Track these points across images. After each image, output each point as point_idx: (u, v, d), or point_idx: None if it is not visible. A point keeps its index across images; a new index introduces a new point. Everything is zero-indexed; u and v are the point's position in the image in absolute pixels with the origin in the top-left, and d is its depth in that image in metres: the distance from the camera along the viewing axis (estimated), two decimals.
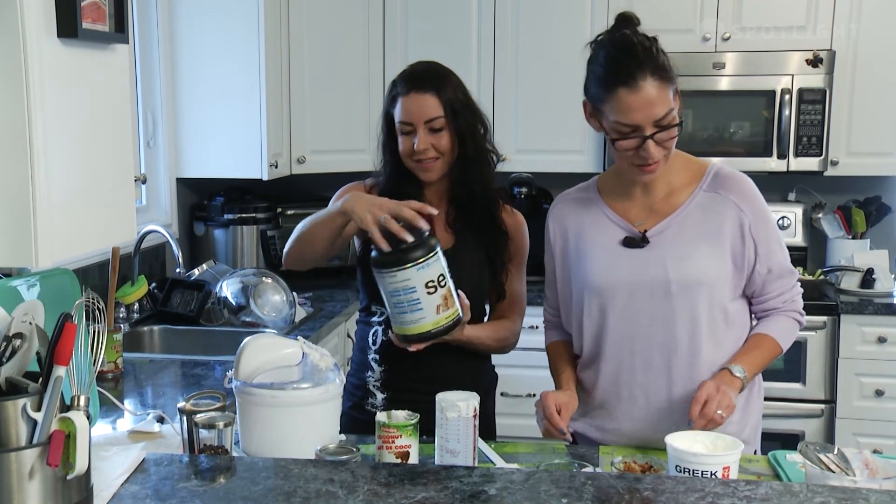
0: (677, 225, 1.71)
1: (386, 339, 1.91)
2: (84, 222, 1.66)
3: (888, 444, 3.23)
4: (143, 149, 3.20)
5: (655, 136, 1.62)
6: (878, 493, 1.28)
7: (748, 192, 1.74)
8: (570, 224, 1.81)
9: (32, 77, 1.49)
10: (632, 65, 1.61)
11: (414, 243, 1.67)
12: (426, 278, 1.67)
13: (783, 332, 1.76)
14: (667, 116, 1.62)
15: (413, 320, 1.70)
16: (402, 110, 1.87)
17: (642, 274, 1.70)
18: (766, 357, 1.74)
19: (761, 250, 1.71)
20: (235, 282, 2.93)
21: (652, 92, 1.60)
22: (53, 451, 1.18)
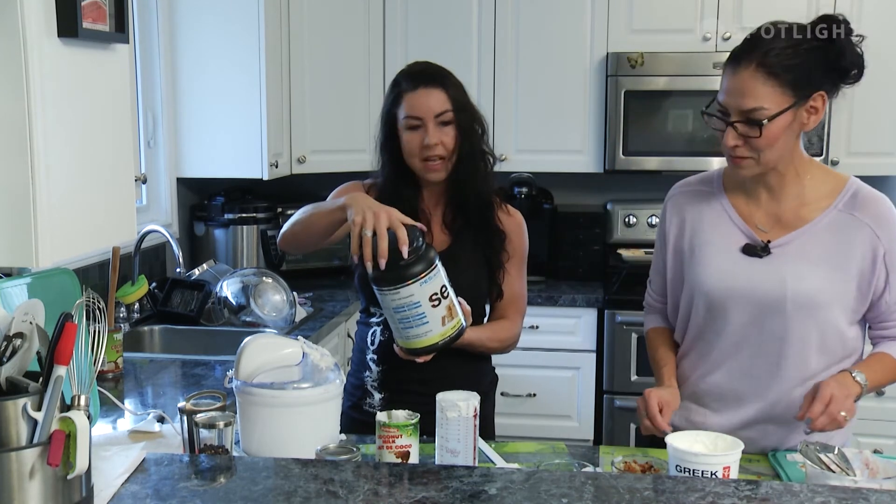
0: (804, 241, 1.66)
1: (384, 340, 1.91)
2: (84, 222, 1.66)
3: (889, 444, 3.23)
4: (143, 148, 3.20)
5: (736, 124, 1.59)
6: (878, 493, 1.28)
7: (887, 217, 1.66)
8: (688, 216, 1.76)
9: (33, 77, 1.49)
10: (744, 49, 1.60)
11: (413, 258, 1.63)
12: (429, 292, 1.65)
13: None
14: (756, 111, 1.57)
15: (419, 334, 1.69)
16: (411, 105, 1.86)
17: (758, 286, 1.66)
18: (887, 374, 1.67)
19: (893, 279, 1.65)
20: (236, 282, 2.93)
21: (748, 80, 1.57)
22: (54, 451, 1.18)
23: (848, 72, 1.62)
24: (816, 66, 1.59)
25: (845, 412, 1.55)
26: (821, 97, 1.61)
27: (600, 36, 3.48)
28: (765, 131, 1.58)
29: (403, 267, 1.63)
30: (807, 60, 1.59)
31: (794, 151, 1.66)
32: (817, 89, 1.60)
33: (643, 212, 3.70)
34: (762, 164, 1.63)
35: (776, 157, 1.62)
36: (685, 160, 3.43)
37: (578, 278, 3.62)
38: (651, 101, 3.43)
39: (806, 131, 1.65)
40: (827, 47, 1.60)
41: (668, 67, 3.40)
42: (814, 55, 1.59)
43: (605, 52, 3.47)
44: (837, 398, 1.55)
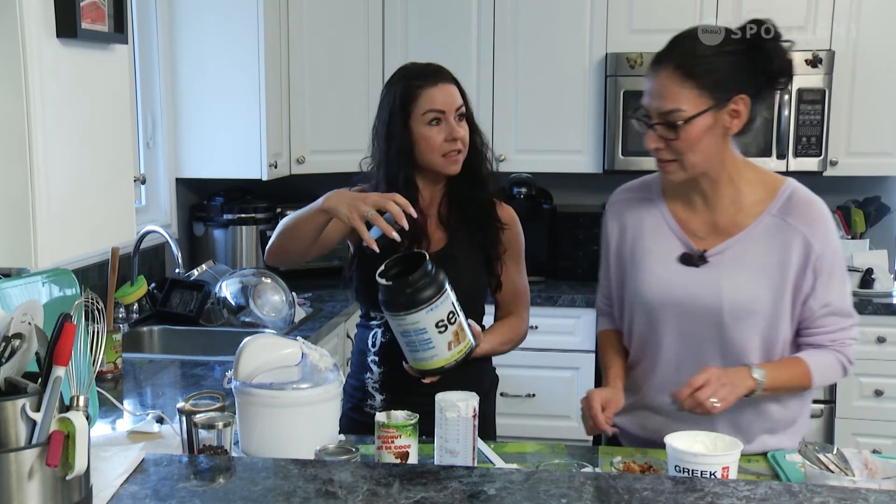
0: (739, 248, 1.64)
1: (386, 341, 1.91)
2: (83, 222, 1.66)
3: (887, 444, 3.23)
4: (142, 149, 3.20)
5: (656, 126, 1.59)
6: (877, 493, 1.28)
7: (820, 221, 1.64)
8: (628, 223, 1.76)
9: (32, 77, 1.49)
10: (665, 50, 1.60)
11: (423, 284, 1.62)
12: (436, 318, 1.64)
13: (821, 366, 1.65)
14: (673, 113, 1.56)
15: (425, 358, 1.68)
16: (433, 100, 1.85)
17: (695, 296, 1.65)
18: (792, 378, 1.64)
19: (819, 285, 1.62)
20: (235, 282, 2.93)
21: (666, 82, 1.57)
22: (53, 452, 1.17)
23: (776, 77, 1.60)
24: (739, 69, 1.57)
25: (718, 400, 1.53)
26: (742, 101, 1.58)
27: (599, 36, 3.48)
28: (682, 133, 1.56)
29: (412, 293, 1.62)
30: (728, 63, 1.57)
31: (723, 156, 1.63)
32: (739, 93, 1.57)
33: None
34: (687, 169, 1.61)
35: (701, 160, 1.60)
36: None
37: (578, 278, 3.62)
38: None
39: (735, 135, 1.63)
40: (753, 51, 1.58)
41: None
42: (737, 58, 1.58)
43: (604, 53, 3.47)
44: (712, 384, 1.54)
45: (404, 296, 1.63)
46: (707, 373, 1.57)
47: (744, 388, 1.59)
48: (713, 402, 1.54)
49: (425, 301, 1.63)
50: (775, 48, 1.59)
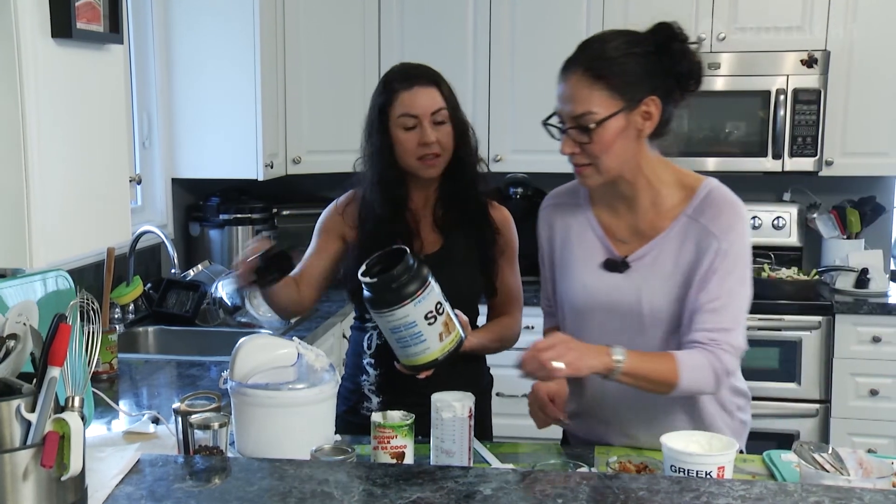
0: (656, 252, 1.63)
1: (381, 343, 1.91)
2: (79, 223, 1.66)
3: (883, 444, 3.24)
4: (138, 149, 3.19)
5: (569, 130, 1.58)
6: (872, 493, 1.29)
7: (731, 223, 1.60)
8: (557, 230, 1.76)
9: (27, 77, 1.48)
10: (574, 55, 1.59)
11: (407, 278, 1.62)
12: (425, 310, 1.63)
13: (691, 365, 1.56)
14: (584, 116, 1.55)
15: (418, 352, 1.67)
16: (406, 104, 1.85)
17: (618, 301, 1.64)
18: (655, 369, 1.55)
19: (714, 281, 1.57)
20: (231, 282, 2.92)
21: (576, 86, 1.56)
22: (48, 453, 1.17)
23: (685, 78, 1.59)
24: (648, 70, 1.57)
25: (562, 363, 1.46)
26: (653, 102, 1.57)
27: None
28: (595, 136, 1.56)
29: (397, 288, 1.61)
30: (637, 65, 1.56)
31: (638, 158, 1.62)
32: (649, 94, 1.57)
33: None
34: (602, 172, 1.60)
35: (616, 164, 1.59)
36: (680, 160, 3.38)
37: None
38: None
39: (651, 137, 1.61)
40: (661, 52, 1.57)
41: None
42: (645, 60, 1.57)
43: None
44: (557, 347, 1.49)
45: (390, 291, 1.62)
46: (554, 336, 1.53)
47: (597, 361, 1.51)
48: (556, 365, 1.47)
49: (412, 294, 1.61)
50: (683, 50, 1.58)
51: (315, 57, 3.50)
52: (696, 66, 1.60)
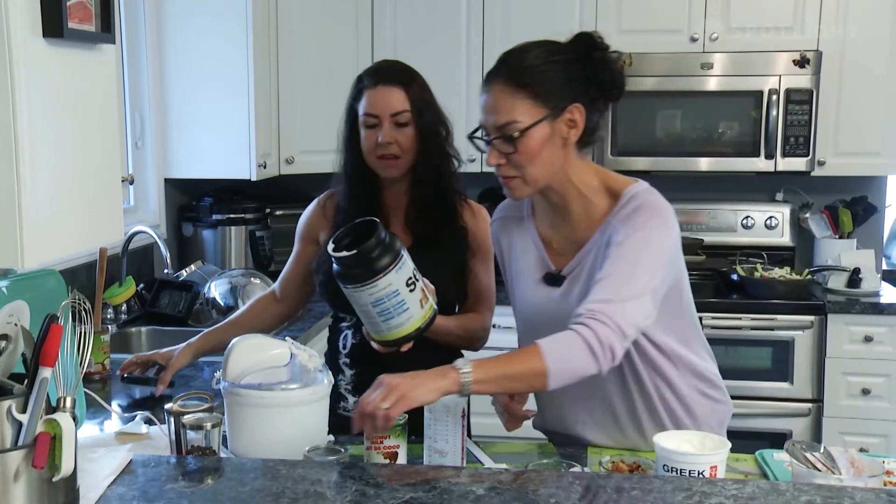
0: (586, 262, 1.62)
1: (357, 342, 1.92)
2: (70, 223, 1.65)
3: (874, 443, 3.25)
4: (130, 149, 3.19)
5: (494, 141, 1.56)
6: (863, 492, 1.29)
7: (639, 222, 1.55)
8: (504, 245, 1.77)
9: (18, 78, 1.48)
10: (495, 66, 1.57)
11: (385, 246, 1.58)
12: (405, 277, 1.62)
13: (555, 349, 1.47)
14: (508, 125, 1.53)
15: (401, 322, 1.65)
16: (369, 102, 1.87)
17: (559, 313, 1.60)
18: (513, 367, 1.48)
19: (605, 264, 1.53)
20: (224, 282, 2.93)
21: (498, 96, 1.54)
22: (39, 453, 1.17)
23: (608, 87, 1.58)
24: (570, 78, 1.55)
25: (390, 401, 1.38)
26: (577, 109, 1.56)
27: None
28: (520, 145, 1.54)
29: (375, 259, 1.58)
30: (559, 73, 1.55)
31: (566, 167, 1.60)
32: (572, 101, 1.55)
33: None
34: (530, 183, 1.58)
35: (543, 173, 1.57)
36: (674, 160, 3.45)
37: None
38: (639, 101, 3.44)
39: (580, 146, 1.60)
40: (582, 61, 1.56)
41: (656, 68, 3.41)
42: (567, 68, 1.56)
43: None
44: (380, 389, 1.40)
45: (371, 261, 1.57)
46: (378, 381, 1.44)
47: (439, 383, 1.43)
48: (383, 406, 1.39)
49: (392, 261, 1.58)
50: (604, 59, 1.58)
51: (308, 57, 3.49)
52: (618, 75, 1.59)
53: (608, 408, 1.69)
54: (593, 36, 1.59)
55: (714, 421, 1.73)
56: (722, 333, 3.26)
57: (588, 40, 1.58)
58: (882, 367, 3.28)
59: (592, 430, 1.71)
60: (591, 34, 1.59)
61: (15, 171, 1.49)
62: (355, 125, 1.90)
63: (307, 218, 2.04)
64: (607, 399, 1.68)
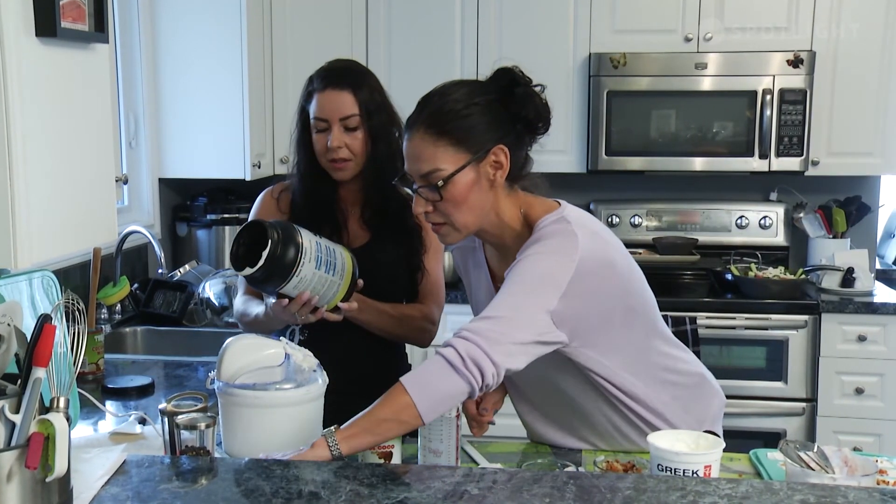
0: None
1: (304, 339, 1.93)
2: (64, 223, 1.65)
3: (868, 442, 3.26)
4: (124, 149, 3.18)
5: (420, 189, 1.53)
6: (856, 491, 1.29)
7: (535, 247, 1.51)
8: (463, 273, 1.78)
9: (10, 77, 1.48)
10: (414, 113, 1.54)
11: (284, 245, 1.65)
12: (314, 259, 1.68)
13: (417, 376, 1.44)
14: (432, 174, 1.50)
15: (335, 292, 1.74)
16: (318, 107, 1.87)
17: None
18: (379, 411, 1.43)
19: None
20: (218, 282, 2.92)
21: (419, 144, 1.51)
22: (32, 454, 1.17)
23: (533, 122, 1.55)
24: (493, 119, 1.52)
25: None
26: (502, 151, 1.52)
27: (583, 36, 3.49)
28: (445, 193, 1.50)
29: (281, 257, 1.65)
30: (481, 115, 1.51)
31: (497, 207, 1.56)
32: (496, 142, 1.51)
33: (626, 212, 3.72)
34: (460, 229, 1.54)
35: (472, 219, 1.53)
36: (668, 160, 3.45)
37: None
38: (634, 101, 3.45)
39: (510, 181, 1.55)
40: (506, 100, 1.53)
41: (650, 68, 3.41)
42: (489, 108, 1.52)
43: (587, 53, 3.48)
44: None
45: (279, 267, 1.66)
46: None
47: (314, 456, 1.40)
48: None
49: (297, 256, 1.66)
50: (527, 93, 1.54)
51: (302, 56, 3.49)
52: (543, 108, 1.56)
53: (586, 421, 1.69)
54: (513, 71, 1.56)
55: (707, 416, 1.74)
56: (716, 333, 3.26)
57: (509, 76, 1.55)
58: (875, 367, 3.29)
59: (579, 442, 1.73)
60: (512, 69, 1.56)
61: (8, 171, 1.49)
62: (307, 126, 1.91)
63: (261, 212, 2.01)
64: (584, 414, 1.69)
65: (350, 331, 1.89)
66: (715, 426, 1.75)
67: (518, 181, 1.59)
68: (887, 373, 3.28)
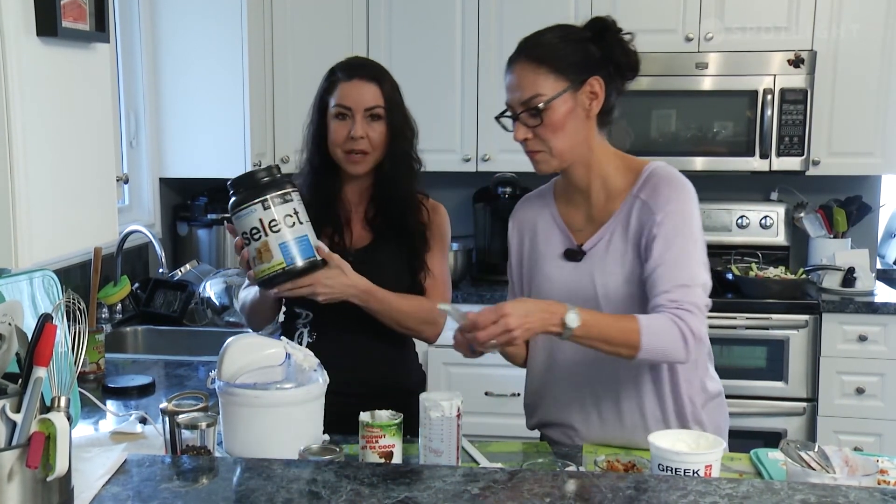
0: (608, 236, 1.68)
1: (312, 342, 1.93)
2: (65, 222, 1.65)
3: (868, 442, 3.26)
4: (125, 148, 3.18)
5: (521, 115, 1.64)
6: (857, 490, 1.29)
7: (669, 195, 1.63)
8: (526, 229, 1.81)
9: (11, 76, 1.48)
10: (515, 49, 1.67)
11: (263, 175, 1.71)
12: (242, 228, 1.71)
13: (653, 327, 1.55)
14: (533, 99, 1.61)
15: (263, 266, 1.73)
16: (342, 95, 1.87)
17: (576, 289, 1.68)
18: (614, 332, 1.54)
19: (657, 246, 1.60)
20: (219, 282, 2.92)
21: (520, 73, 1.64)
22: (33, 453, 1.17)
23: (623, 67, 1.67)
24: (586, 54, 1.65)
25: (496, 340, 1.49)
26: (597, 82, 1.64)
27: None
28: (545, 117, 1.62)
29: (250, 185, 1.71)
30: (576, 49, 1.64)
31: (589, 143, 1.67)
32: (592, 73, 1.63)
33: None
34: (556, 156, 1.65)
35: (567, 145, 1.64)
36: (669, 160, 3.39)
37: None
38: (634, 100, 3.43)
39: (600, 125, 1.68)
40: (596, 39, 1.66)
41: (651, 67, 3.39)
42: (582, 45, 1.65)
43: None
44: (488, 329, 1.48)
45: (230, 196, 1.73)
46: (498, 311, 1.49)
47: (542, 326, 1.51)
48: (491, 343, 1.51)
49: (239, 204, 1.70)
50: (617, 40, 1.67)
51: (303, 56, 3.49)
52: (632, 55, 1.68)
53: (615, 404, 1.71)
54: (606, 20, 1.69)
55: (723, 429, 1.77)
56: (717, 333, 3.26)
57: (602, 23, 1.68)
58: (876, 367, 3.29)
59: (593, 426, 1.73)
60: (605, 18, 1.69)
61: (9, 170, 1.49)
62: (324, 118, 1.90)
63: None
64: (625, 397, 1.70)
65: (358, 332, 1.89)
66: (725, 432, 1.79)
67: (606, 125, 1.71)
68: (888, 373, 3.28)
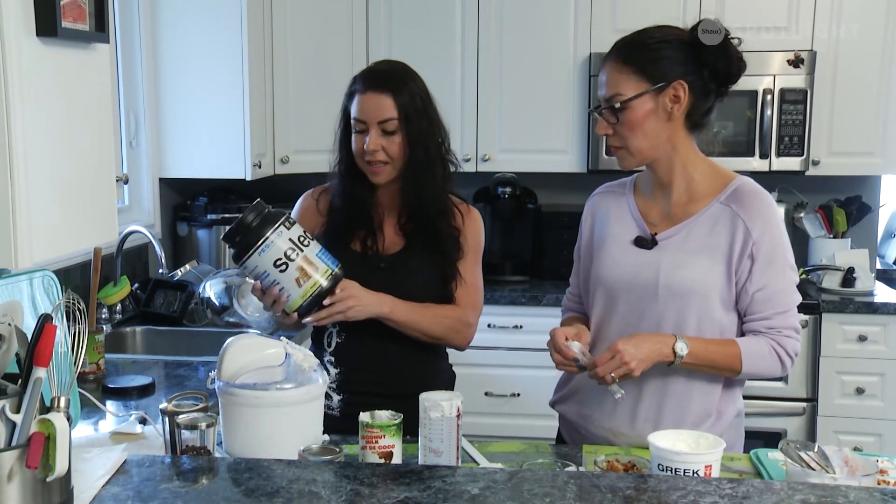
0: (685, 233, 1.71)
1: (341, 342, 1.92)
2: (65, 223, 1.65)
3: (868, 442, 3.26)
4: (125, 149, 3.18)
5: (603, 111, 1.68)
6: (857, 490, 1.30)
7: (762, 212, 1.69)
8: (599, 214, 1.85)
9: (11, 77, 1.47)
10: (613, 44, 1.71)
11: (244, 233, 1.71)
12: (272, 258, 1.71)
13: (753, 352, 1.68)
14: (614, 97, 1.66)
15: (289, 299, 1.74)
16: (358, 108, 1.86)
17: (640, 274, 1.72)
18: (720, 357, 1.67)
19: (756, 270, 1.67)
20: (219, 282, 2.92)
21: (608, 71, 1.69)
22: (33, 453, 1.17)
23: (721, 75, 1.68)
24: (679, 57, 1.66)
25: (615, 374, 1.62)
26: (681, 86, 1.65)
27: (583, 36, 3.49)
28: (622, 116, 1.66)
29: (240, 241, 1.72)
30: (669, 51, 1.66)
31: (673, 141, 1.70)
32: (677, 78, 1.65)
33: None
34: (634, 153, 1.69)
35: (646, 145, 1.68)
36: None
37: (562, 278, 3.56)
38: None
39: (692, 129, 1.71)
40: (698, 44, 1.65)
41: None
42: (680, 47, 1.67)
43: (588, 53, 3.48)
44: (608, 364, 1.62)
45: (236, 244, 1.72)
46: (612, 349, 1.63)
47: (656, 358, 1.64)
48: (611, 377, 1.62)
49: (253, 245, 1.70)
50: (724, 46, 1.66)
51: (303, 56, 3.49)
52: (735, 62, 1.69)
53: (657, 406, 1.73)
54: (714, 22, 1.69)
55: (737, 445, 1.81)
56: None
57: (711, 26, 1.69)
58: (876, 367, 3.29)
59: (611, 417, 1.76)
60: (714, 20, 1.70)
61: (9, 170, 1.49)
62: (349, 126, 1.90)
63: (301, 213, 2.01)
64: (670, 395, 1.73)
65: (386, 333, 1.87)
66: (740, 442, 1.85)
67: (697, 127, 1.73)
68: (888, 372, 3.28)
